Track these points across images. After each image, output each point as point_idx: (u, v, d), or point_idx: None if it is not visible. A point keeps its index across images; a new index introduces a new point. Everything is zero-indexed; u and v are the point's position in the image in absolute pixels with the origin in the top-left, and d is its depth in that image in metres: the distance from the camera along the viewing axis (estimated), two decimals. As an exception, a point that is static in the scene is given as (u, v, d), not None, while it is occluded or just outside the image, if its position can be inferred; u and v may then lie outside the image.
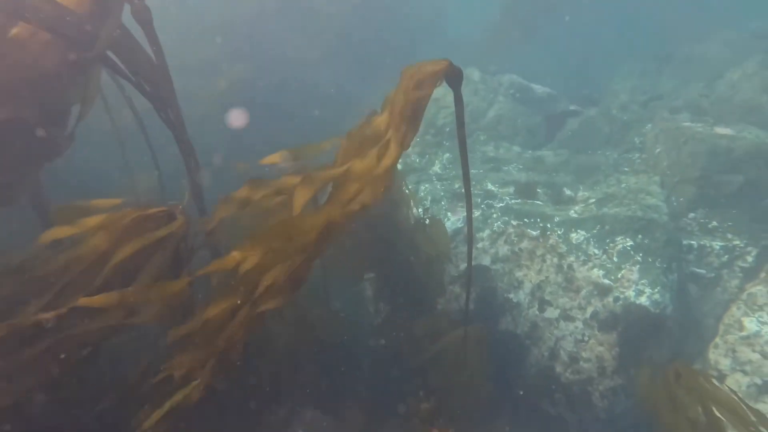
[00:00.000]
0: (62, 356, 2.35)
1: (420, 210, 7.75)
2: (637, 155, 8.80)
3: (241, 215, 2.86)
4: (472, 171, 8.85)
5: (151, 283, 2.35)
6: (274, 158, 3.01)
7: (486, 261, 6.86)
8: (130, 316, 2.39)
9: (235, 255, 2.26)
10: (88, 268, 2.37)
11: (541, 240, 6.64)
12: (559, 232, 6.58)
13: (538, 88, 10.60)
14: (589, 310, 5.92)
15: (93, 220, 2.44)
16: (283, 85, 12.90)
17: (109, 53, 3.47)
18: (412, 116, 3.17)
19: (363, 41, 15.30)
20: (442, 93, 9.66)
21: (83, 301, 2.08)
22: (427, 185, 8.54)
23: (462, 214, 7.74)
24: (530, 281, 6.47)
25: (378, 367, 6.04)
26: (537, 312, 6.29)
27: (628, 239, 6.26)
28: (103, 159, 7.68)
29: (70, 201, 3.35)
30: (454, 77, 3.14)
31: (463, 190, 8.43)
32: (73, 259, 2.39)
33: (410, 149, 7.42)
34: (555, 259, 6.40)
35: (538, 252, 6.59)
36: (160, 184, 5.31)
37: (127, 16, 3.62)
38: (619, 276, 5.96)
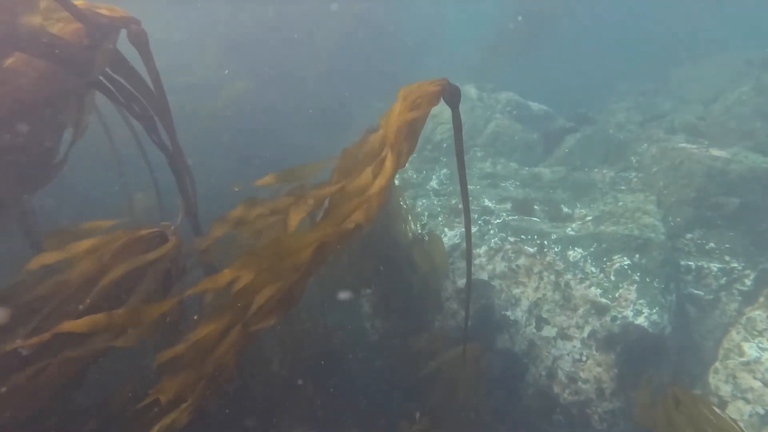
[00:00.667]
0: (47, 383, 2.29)
1: (417, 225, 7.74)
2: (633, 174, 8.82)
3: (236, 235, 2.82)
4: (470, 187, 8.85)
5: (140, 305, 2.31)
6: (267, 180, 2.98)
7: (483, 277, 6.82)
8: (116, 339, 2.34)
9: (227, 273, 2.22)
10: (76, 293, 2.33)
11: (538, 257, 6.61)
12: (556, 250, 6.55)
13: (535, 106, 10.66)
14: (587, 329, 5.87)
15: (82, 245, 2.40)
16: (282, 102, 12.99)
17: (103, 79, 3.48)
18: (408, 136, 3.16)
19: (360, 60, 15.46)
20: (440, 109, 9.72)
21: (67, 326, 2.03)
22: (424, 200, 8.53)
23: (459, 229, 7.71)
24: (527, 299, 6.43)
25: (375, 385, 5.96)
26: (534, 330, 6.24)
27: (625, 258, 6.24)
28: (103, 178, 7.69)
29: (68, 222, 3.33)
30: (452, 96, 3.14)
31: (460, 206, 8.47)
32: (60, 283, 2.35)
33: (407, 164, 7.43)
34: (552, 277, 6.37)
35: (536, 269, 6.56)
36: (159, 203, 5.29)
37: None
38: (617, 295, 5.92)
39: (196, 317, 2.54)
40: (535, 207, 7.82)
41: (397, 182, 8.30)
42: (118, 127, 4.99)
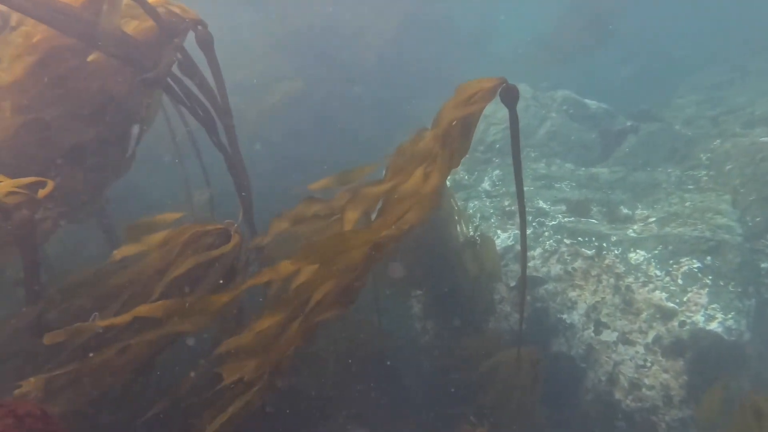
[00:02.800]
0: (124, 363, 2.45)
1: (470, 227, 7.67)
2: (703, 172, 8.32)
3: (293, 235, 2.91)
4: (524, 188, 8.66)
5: (205, 295, 2.43)
6: (323, 184, 3.06)
7: (538, 280, 6.67)
8: (186, 324, 2.47)
9: (287, 264, 2.30)
10: (149, 282, 2.48)
11: (596, 260, 6.39)
12: (616, 252, 6.31)
13: (593, 104, 10.31)
14: (651, 334, 5.61)
15: (156, 237, 2.56)
16: (331, 101, 13.19)
17: (169, 79, 3.67)
18: (461, 133, 3.15)
19: (409, 57, 15.46)
20: (493, 109, 9.59)
21: (144, 309, 2.18)
22: (476, 202, 8.44)
23: (512, 231, 7.58)
24: (585, 302, 6.22)
25: (427, 387, 5.94)
26: (593, 334, 6.02)
27: (694, 261, 5.91)
28: (158, 174, 8.10)
29: (134, 217, 3.55)
30: (509, 95, 3.10)
31: (513, 208, 8.33)
32: (136, 273, 2.51)
33: (459, 166, 7.39)
34: (612, 280, 6.13)
35: (593, 272, 6.34)
36: (212, 200, 5.53)
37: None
38: (685, 299, 5.62)
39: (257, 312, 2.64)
40: (593, 208, 7.57)
41: (448, 183, 8.24)
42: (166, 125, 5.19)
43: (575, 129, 9.81)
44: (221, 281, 2.59)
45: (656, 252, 6.13)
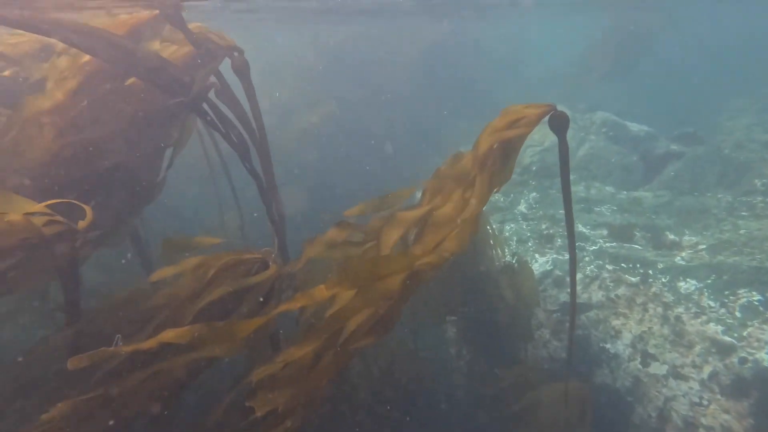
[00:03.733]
0: (153, 388, 2.39)
1: (506, 251, 7.46)
2: (759, 198, 7.88)
3: (327, 260, 2.83)
4: (561, 212, 8.42)
5: (237, 321, 2.35)
6: (357, 210, 2.97)
7: (578, 307, 6.39)
8: (216, 350, 2.40)
9: (322, 289, 2.21)
10: (182, 306, 2.43)
11: (641, 287, 6.08)
12: (663, 280, 5.98)
13: (634, 126, 10.01)
14: (707, 369, 5.22)
15: (191, 261, 2.51)
16: (364, 123, 13.28)
17: (205, 105, 3.69)
18: (502, 158, 3.03)
19: (441, 79, 15.49)
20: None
21: (170, 335, 2.11)
22: (512, 225, 8.23)
23: (551, 256, 7.35)
24: (630, 331, 5.90)
25: (462, 416, 5.71)
26: (640, 366, 5.67)
27: (754, 293, 5.51)
28: (196, 195, 8.24)
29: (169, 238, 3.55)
30: (558, 122, 2.97)
31: (551, 231, 8.06)
32: (170, 296, 2.46)
33: (499, 191, 7.25)
34: (659, 309, 5.79)
35: (638, 300, 6.02)
36: (242, 222, 5.56)
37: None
38: (745, 334, 5.22)
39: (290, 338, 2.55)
40: (636, 233, 7.25)
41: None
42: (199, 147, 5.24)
43: (615, 151, 9.52)
44: (255, 309, 2.52)
45: (709, 282, 5.77)
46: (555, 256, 7.30)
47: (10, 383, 2.64)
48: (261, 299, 2.52)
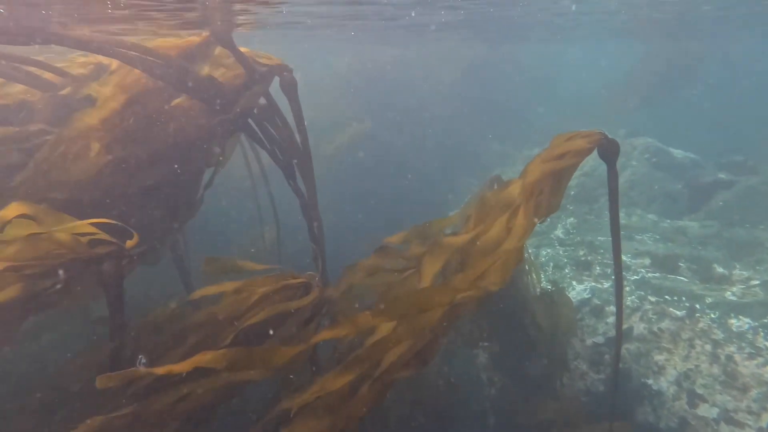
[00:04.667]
0: (187, 409, 2.36)
1: (542, 276, 7.27)
2: (819, 233, 7.45)
3: (365, 285, 2.77)
4: (600, 238, 8.18)
5: (277, 345, 2.31)
6: (398, 238, 2.92)
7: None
8: (252, 374, 2.36)
9: (367, 317, 2.14)
10: (222, 328, 2.41)
11: (687, 322, 5.79)
12: (712, 316, 5.68)
13: (679, 153, 9.69)
14: (766, 417, 4.87)
15: (233, 284, 2.50)
16: (397, 143, 13.31)
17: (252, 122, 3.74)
18: (552, 188, 2.94)
19: (475, 101, 15.45)
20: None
21: (204, 358, 2.08)
22: (548, 250, 8.03)
23: (589, 284, 7.13)
24: (675, 368, 5.60)
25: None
26: (687, 407, 5.36)
27: (820, 337, 5.17)
28: (224, 210, 8.36)
29: (206, 252, 3.57)
30: (608, 150, 2.89)
31: (589, 258, 7.81)
32: (209, 316, 2.45)
33: (546, 221, 7.14)
34: (708, 347, 5.49)
35: (684, 335, 5.74)
36: (279, 238, 5.60)
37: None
38: (810, 381, 4.88)
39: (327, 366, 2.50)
40: (680, 264, 6.95)
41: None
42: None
43: (659, 179, 9.21)
44: (295, 333, 2.48)
45: (765, 321, 5.44)
46: (593, 284, 7.06)
47: (48, 395, 2.66)
48: (302, 323, 2.47)
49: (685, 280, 6.60)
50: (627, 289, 6.68)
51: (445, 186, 11.93)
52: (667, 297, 6.17)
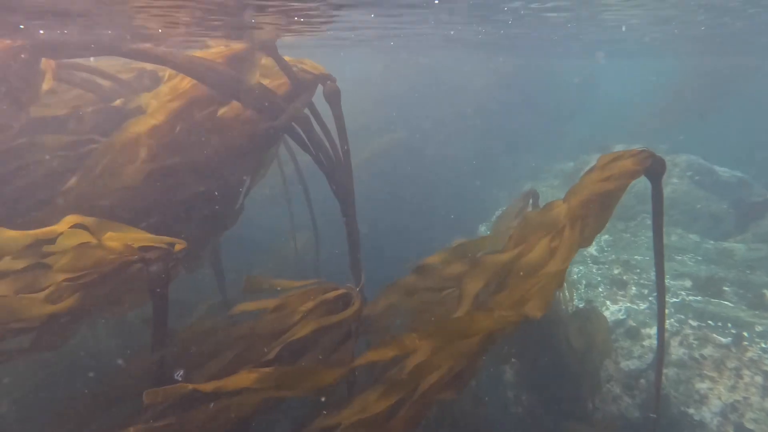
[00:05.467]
0: (220, 424, 2.36)
1: (574, 295, 7.10)
2: None
3: (405, 304, 2.75)
4: (637, 257, 7.94)
5: (314, 366, 2.31)
6: (438, 258, 2.89)
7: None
8: (288, 392, 2.35)
9: (414, 339, 2.12)
10: (262, 343, 2.42)
11: (733, 350, 5.54)
12: (763, 345, 5.42)
13: (724, 172, 9.35)
14: (823, 458, 4.63)
15: (274, 301, 2.52)
16: (430, 152, 13.27)
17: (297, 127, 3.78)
18: (600, 210, 2.86)
19: (508, 113, 15.31)
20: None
21: (247, 378, 2.08)
22: (581, 267, 7.84)
23: (624, 304, 6.92)
24: (719, 398, 5.36)
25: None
26: (732, 441, 5.12)
27: None
28: (253, 217, 8.44)
29: (240, 258, 3.61)
30: (655, 168, 2.81)
31: (624, 278, 7.59)
32: (249, 331, 2.46)
33: (591, 245, 7.01)
34: (759, 378, 5.22)
35: (730, 364, 5.49)
36: (317, 245, 5.63)
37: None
38: None
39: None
40: (725, 288, 6.68)
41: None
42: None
43: (702, 197, 8.90)
44: (333, 347, 2.46)
45: (822, 353, 5.18)
46: (628, 304, 6.86)
47: (89, 401, 2.71)
48: (341, 338, 2.46)
49: (731, 305, 6.33)
50: (665, 311, 6.45)
51: (474, 199, 11.84)
52: (710, 322, 5.93)
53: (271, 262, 7.71)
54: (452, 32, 9.30)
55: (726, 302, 6.40)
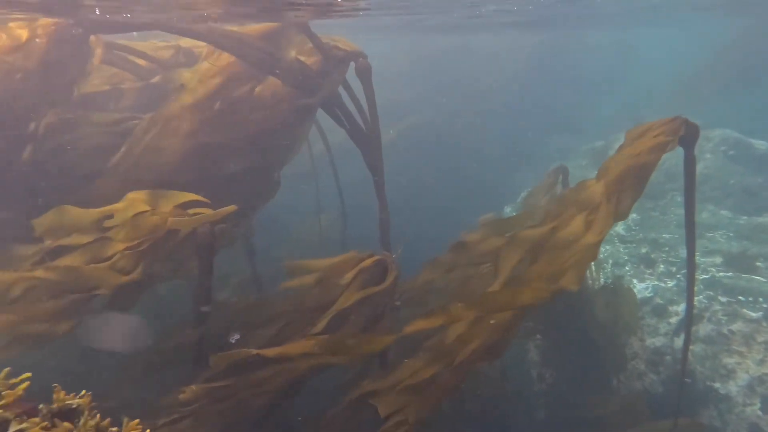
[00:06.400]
0: (273, 387, 2.52)
1: (600, 273, 7.08)
2: None
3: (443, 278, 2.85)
4: (666, 235, 7.85)
5: (358, 333, 2.43)
6: (475, 237, 2.96)
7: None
8: (333, 359, 2.49)
9: (460, 308, 2.22)
10: (308, 313, 2.55)
11: (764, 324, 5.52)
12: (795, 321, 5.39)
13: (762, 145, 9.08)
14: None
15: (313, 277, 2.64)
16: (457, 131, 13.16)
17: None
18: (633, 184, 2.89)
19: (540, 92, 15.01)
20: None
21: (299, 346, 2.22)
22: (607, 247, 7.80)
23: (651, 282, 6.89)
24: (747, 372, 5.37)
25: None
26: (760, 412, 5.15)
27: None
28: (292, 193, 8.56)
29: (269, 235, 3.73)
30: (688, 135, 2.81)
31: (653, 257, 7.53)
32: (298, 304, 2.59)
33: (626, 218, 6.93)
34: (789, 353, 5.22)
35: (760, 338, 5.48)
36: (344, 221, 5.73)
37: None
38: None
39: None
40: (758, 264, 6.59)
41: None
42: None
43: (736, 172, 8.70)
44: (373, 317, 2.58)
45: None
46: (656, 282, 6.83)
47: (142, 363, 2.90)
48: (380, 309, 2.58)
49: (764, 279, 6.27)
50: (695, 288, 6.41)
51: (502, 178, 11.75)
52: (740, 297, 5.89)
53: (296, 240, 7.84)
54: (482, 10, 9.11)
55: (759, 277, 6.33)
